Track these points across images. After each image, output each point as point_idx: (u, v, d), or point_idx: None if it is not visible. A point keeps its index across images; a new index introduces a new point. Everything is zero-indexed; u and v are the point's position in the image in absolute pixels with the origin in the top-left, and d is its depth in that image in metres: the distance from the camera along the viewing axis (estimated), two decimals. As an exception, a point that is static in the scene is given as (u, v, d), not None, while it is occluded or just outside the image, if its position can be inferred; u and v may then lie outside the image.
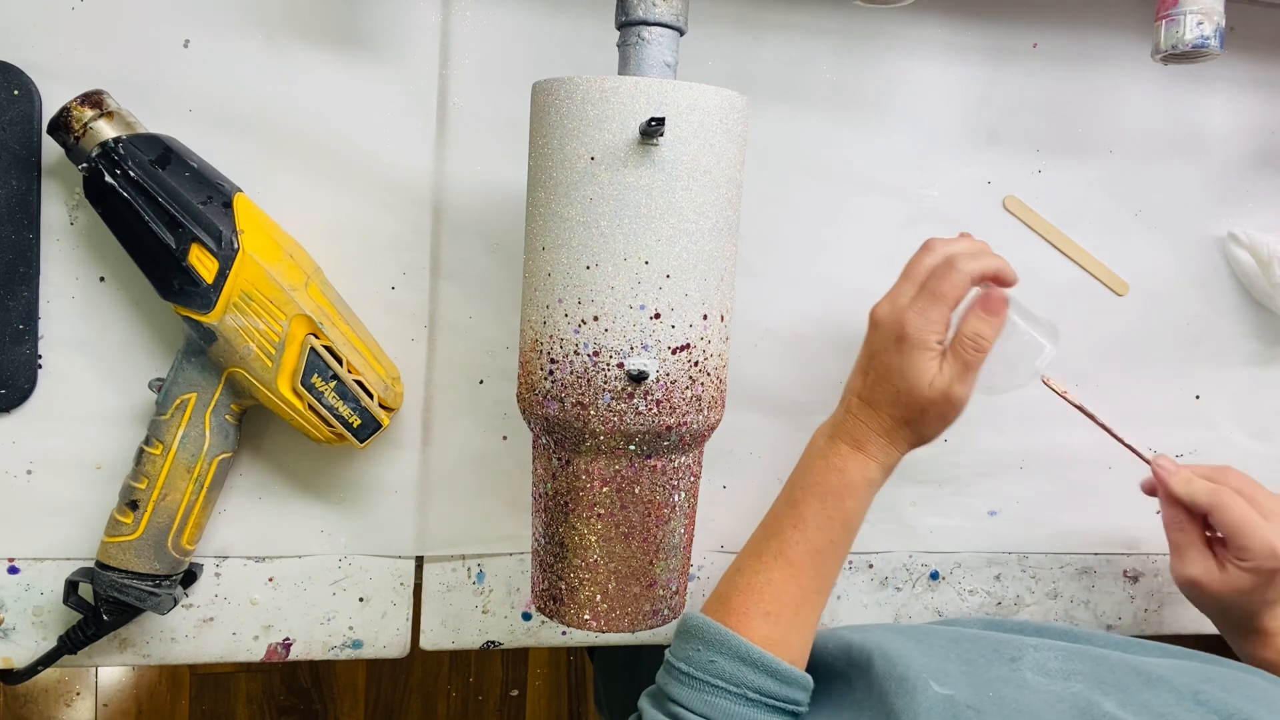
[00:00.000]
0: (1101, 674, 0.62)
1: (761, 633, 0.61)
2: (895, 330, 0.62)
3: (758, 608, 0.62)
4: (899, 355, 0.62)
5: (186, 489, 0.62)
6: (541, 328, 0.54)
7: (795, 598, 0.62)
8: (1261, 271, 0.79)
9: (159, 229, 0.57)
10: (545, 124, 0.53)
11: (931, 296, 0.62)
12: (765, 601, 0.62)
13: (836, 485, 0.63)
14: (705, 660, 0.59)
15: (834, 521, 0.63)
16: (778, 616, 0.62)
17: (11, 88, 0.60)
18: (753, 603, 0.62)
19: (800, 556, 0.63)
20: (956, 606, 0.80)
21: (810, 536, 0.63)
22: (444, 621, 0.72)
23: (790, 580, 0.62)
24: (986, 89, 0.75)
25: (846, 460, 0.64)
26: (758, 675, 0.59)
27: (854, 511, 0.64)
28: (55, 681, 1.72)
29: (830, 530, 0.63)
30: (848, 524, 0.64)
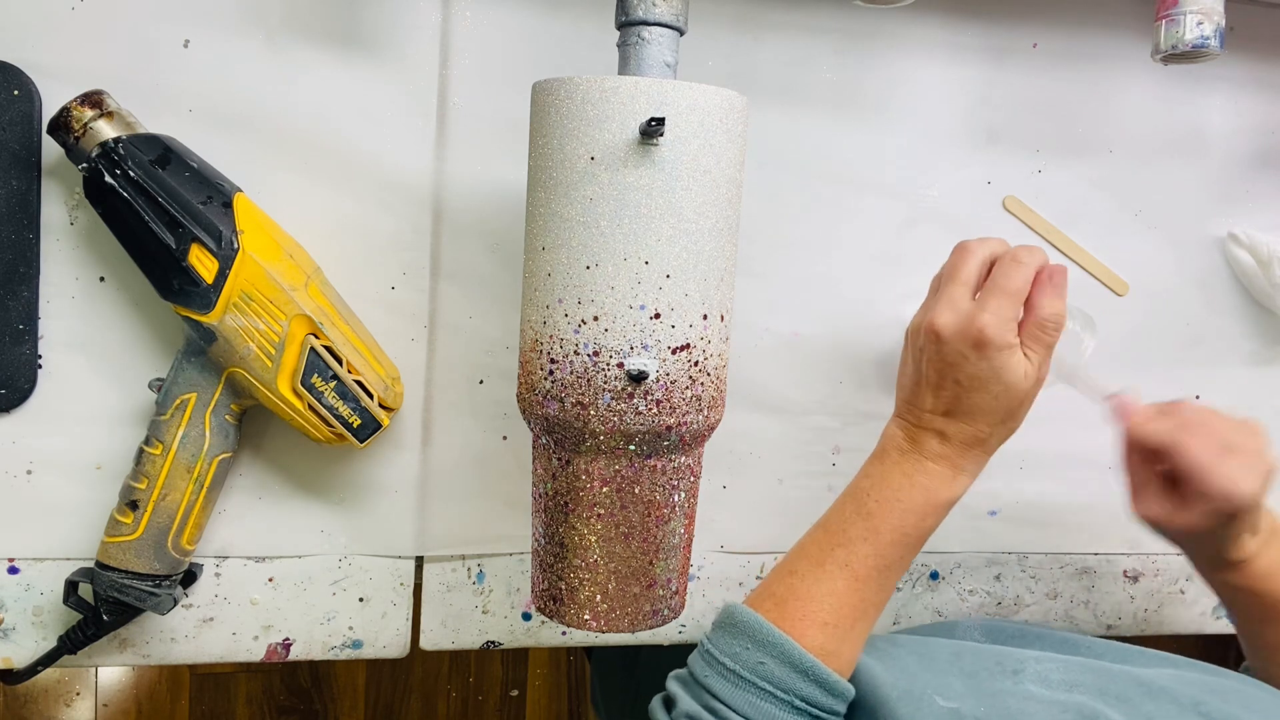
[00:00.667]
0: (1104, 685, 0.62)
1: (816, 642, 0.59)
2: (972, 338, 0.59)
3: (816, 616, 0.59)
4: (985, 361, 0.59)
5: (186, 489, 0.62)
6: (541, 328, 0.54)
7: (855, 610, 0.60)
8: (1261, 271, 0.79)
9: (159, 229, 0.57)
10: (545, 124, 0.53)
11: (1005, 294, 0.60)
12: (825, 612, 0.60)
13: (920, 504, 0.61)
14: (754, 661, 0.58)
15: (910, 539, 0.61)
16: (835, 627, 0.60)
17: (11, 88, 0.60)
18: (811, 610, 0.60)
19: (867, 571, 0.60)
20: (956, 606, 0.80)
21: (882, 551, 0.61)
22: (444, 621, 0.72)
23: (853, 593, 0.60)
24: (986, 89, 0.75)
25: (933, 479, 0.61)
26: (807, 684, 0.57)
27: (931, 529, 0.62)
28: (55, 681, 1.72)
29: (904, 546, 0.61)
30: (921, 542, 0.62)
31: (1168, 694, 0.60)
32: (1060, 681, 0.63)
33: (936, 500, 0.61)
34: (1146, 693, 0.61)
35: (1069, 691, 0.62)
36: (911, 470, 0.61)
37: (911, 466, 0.62)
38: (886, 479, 0.62)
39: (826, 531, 0.63)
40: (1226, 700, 0.60)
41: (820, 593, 0.60)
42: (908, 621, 0.79)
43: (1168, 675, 0.63)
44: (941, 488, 0.61)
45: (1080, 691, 0.62)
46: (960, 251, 0.63)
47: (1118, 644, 0.71)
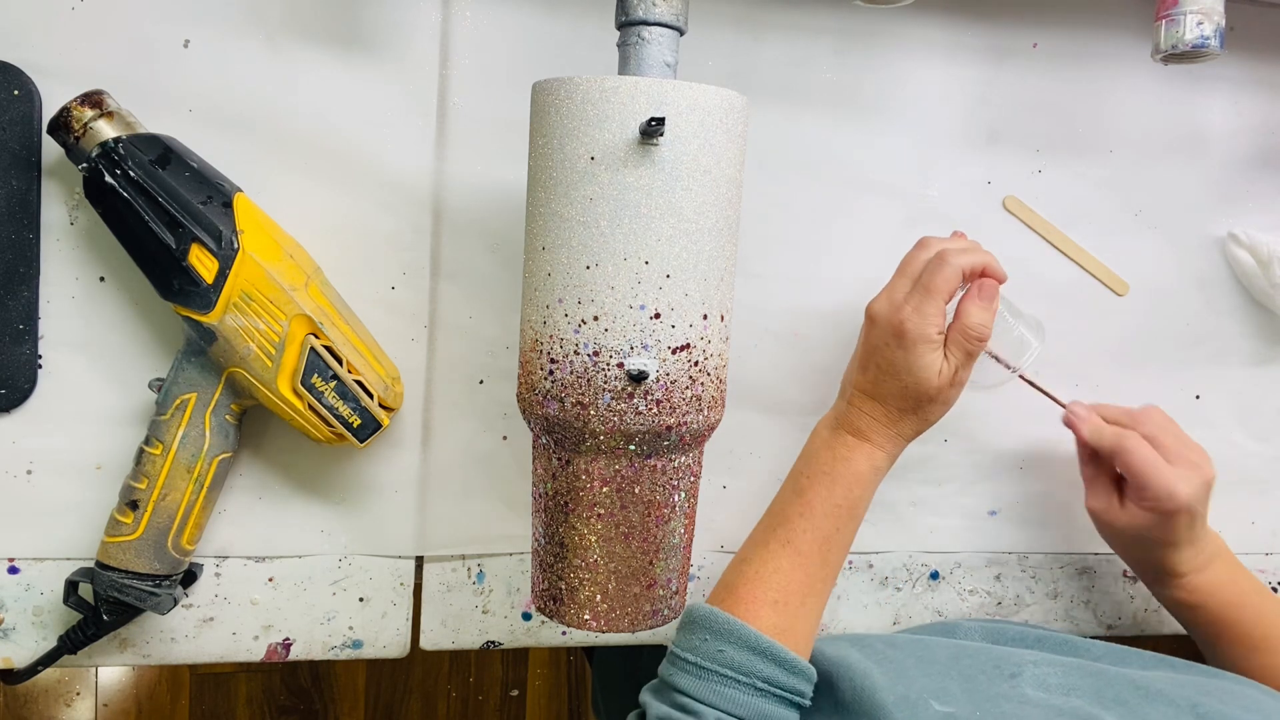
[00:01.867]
0: (1100, 688, 0.62)
1: (769, 621, 0.61)
2: (894, 326, 0.63)
3: (765, 596, 0.62)
4: (901, 350, 0.63)
5: (186, 489, 0.62)
6: (541, 328, 0.54)
7: (802, 586, 0.63)
8: (1261, 271, 0.79)
9: (159, 229, 0.57)
10: (545, 124, 0.53)
11: (926, 291, 0.63)
12: (773, 590, 0.62)
13: (844, 474, 0.64)
14: (713, 650, 0.59)
15: (841, 510, 0.64)
16: (785, 605, 0.62)
17: (11, 88, 0.60)
18: (760, 591, 0.62)
19: (808, 544, 0.63)
20: (956, 606, 0.80)
21: (817, 524, 0.64)
22: (444, 621, 0.72)
23: (797, 568, 0.63)
24: (986, 89, 0.75)
25: (853, 450, 0.65)
26: (766, 665, 0.59)
27: (860, 500, 0.65)
28: (55, 681, 1.72)
29: (837, 518, 0.64)
30: (854, 512, 0.65)
31: (1164, 697, 0.61)
32: (1057, 686, 0.63)
33: (858, 471, 0.65)
34: (1143, 696, 0.61)
35: (1066, 696, 0.62)
36: (835, 444, 0.65)
37: (835, 440, 0.66)
38: (815, 455, 0.66)
39: (769, 515, 0.66)
40: (1223, 701, 0.60)
41: (766, 572, 0.63)
42: (908, 621, 0.79)
43: (1165, 678, 0.63)
44: (861, 460, 0.65)
45: (1078, 695, 0.62)
46: (917, 245, 0.67)
47: (1117, 646, 0.71)
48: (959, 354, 0.64)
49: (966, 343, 0.64)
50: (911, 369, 0.63)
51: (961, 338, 0.64)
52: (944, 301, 0.63)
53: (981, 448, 0.79)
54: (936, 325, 0.63)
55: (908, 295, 0.64)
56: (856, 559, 0.78)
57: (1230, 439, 0.83)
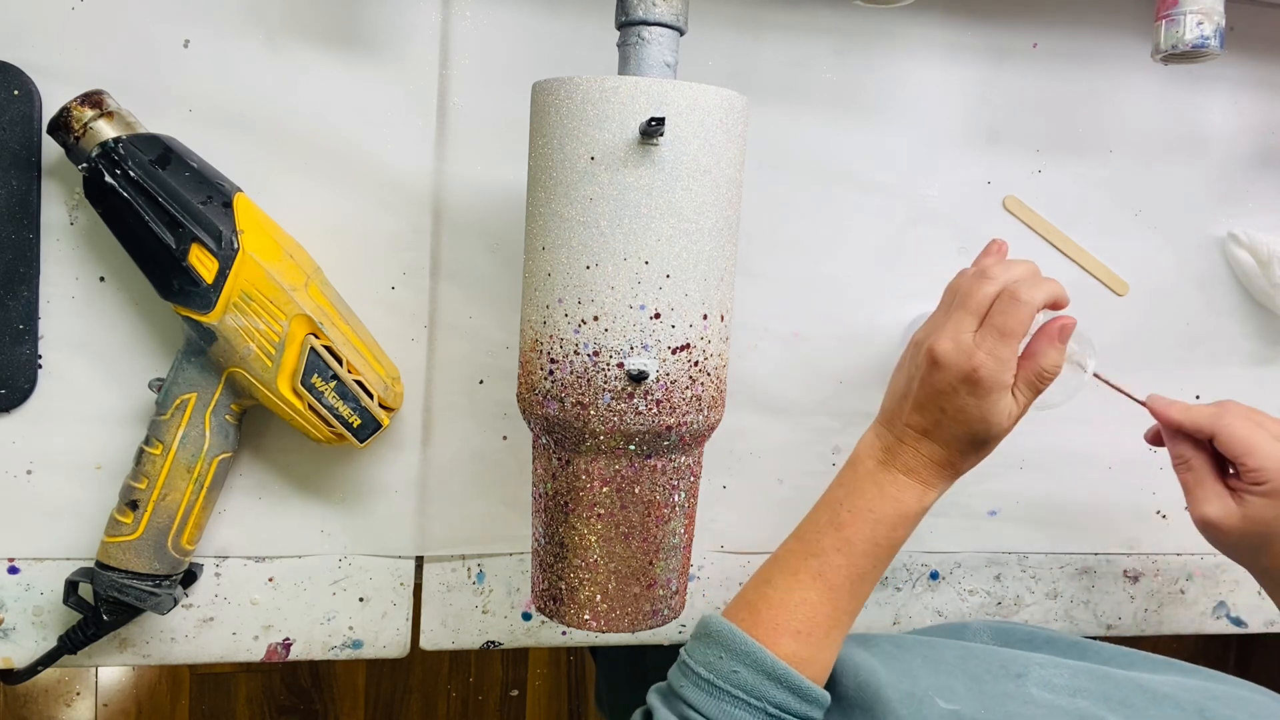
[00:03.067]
0: (1107, 690, 0.62)
1: (789, 649, 0.59)
2: (966, 373, 0.59)
3: (789, 625, 0.60)
4: (974, 398, 0.59)
5: (186, 489, 0.62)
6: (541, 328, 0.54)
7: (829, 620, 0.60)
8: (1261, 271, 0.79)
9: (159, 229, 0.57)
10: (545, 124, 0.53)
11: (1001, 335, 0.59)
12: (797, 620, 0.60)
13: (891, 515, 0.61)
14: (727, 669, 0.58)
15: (881, 549, 0.61)
16: (809, 636, 0.60)
17: (11, 88, 0.60)
18: (784, 619, 0.60)
19: (841, 580, 0.61)
20: (956, 606, 0.80)
21: (855, 562, 0.61)
22: (444, 621, 0.72)
23: (826, 602, 0.60)
24: (986, 89, 0.75)
25: (905, 491, 0.61)
26: (780, 691, 0.57)
27: (903, 539, 0.62)
28: (55, 681, 1.72)
29: (876, 558, 0.61)
30: (894, 551, 0.62)
31: (1171, 700, 0.60)
32: (1064, 686, 0.63)
33: (907, 512, 0.61)
34: (1150, 699, 0.61)
35: (1072, 697, 0.62)
36: (884, 481, 0.61)
37: (884, 477, 0.62)
38: (859, 489, 0.62)
39: (801, 541, 0.63)
40: (1231, 707, 0.60)
41: (794, 601, 0.60)
42: (908, 622, 0.79)
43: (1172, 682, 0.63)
44: (911, 500, 0.61)
45: (1084, 697, 0.62)
46: (978, 278, 0.62)
47: (1126, 650, 0.71)
48: (1028, 393, 0.61)
49: (1039, 382, 0.60)
50: (984, 416, 0.59)
51: (1035, 378, 0.60)
52: (1019, 344, 0.59)
53: (981, 448, 0.79)
54: (1012, 370, 0.59)
55: (979, 338, 0.59)
56: (856, 559, 0.78)
57: (1230, 439, 0.83)
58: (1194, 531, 0.83)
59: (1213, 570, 0.84)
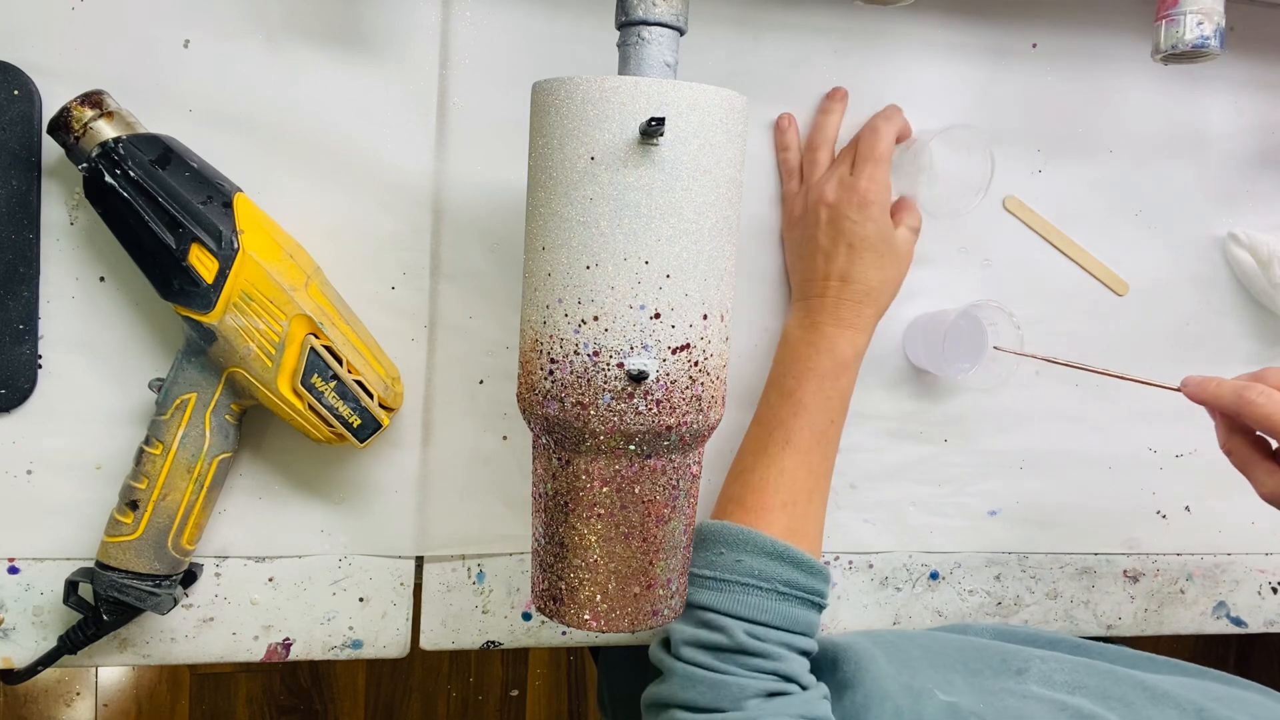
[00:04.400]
0: (1107, 688, 0.62)
1: (781, 524, 0.62)
2: (856, 201, 0.66)
3: (774, 500, 0.62)
4: (870, 220, 0.66)
5: (186, 489, 0.62)
6: (541, 328, 0.54)
7: (807, 483, 0.64)
8: (1261, 271, 0.79)
9: (159, 229, 0.57)
10: (545, 124, 0.53)
11: (874, 162, 0.67)
12: (781, 492, 0.63)
13: (830, 365, 0.66)
14: (731, 561, 0.59)
15: (832, 400, 0.66)
16: (794, 505, 0.63)
17: (11, 88, 0.60)
18: (769, 496, 0.63)
19: (807, 441, 0.64)
20: (956, 606, 0.80)
21: (814, 419, 0.65)
22: (444, 621, 0.72)
23: (800, 466, 0.64)
24: (986, 89, 0.75)
25: (834, 340, 0.66)
26: (785, 568, 0.59)
27: (848, 386, 0.67)
28: (55, 681, 1.72)
29: (830, 409, 0.66)
30: (844, 399, 0.67)
31: (1171, 699, 0.60)
32: (1063, 682, 0.63)
33: (843, 358, 0.66)
34: (1150, 698, 0.61)
35: (1071, 693, 0.62)
36: (815, 339, 0.67)
37: (814, 336, 0.67)
38: (795, 355, 0.67)
39: (760, 424, 0.67)
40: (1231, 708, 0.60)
41: (771, 477, 0.63)
42: (908, 622, 0.79)
43: (1174, 682, 0.63)
44: (845, 346, 0.66)
45: (1082, 694, 0.62)
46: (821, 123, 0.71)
47: (1130, 651, 0.71)
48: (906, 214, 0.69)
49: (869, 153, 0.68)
50: (882, 233, 0.66)
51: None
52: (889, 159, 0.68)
53: (981, 448, 0.79)
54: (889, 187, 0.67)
55: (856, 169, 0.67)
56: (857, 559, 0.78)
57: (1230, 439, 0.83)
58: (1194, 531, 0.84)
59: (1213, 570, 0.84)
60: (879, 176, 0.66)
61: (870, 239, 0.66)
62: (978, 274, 0.77)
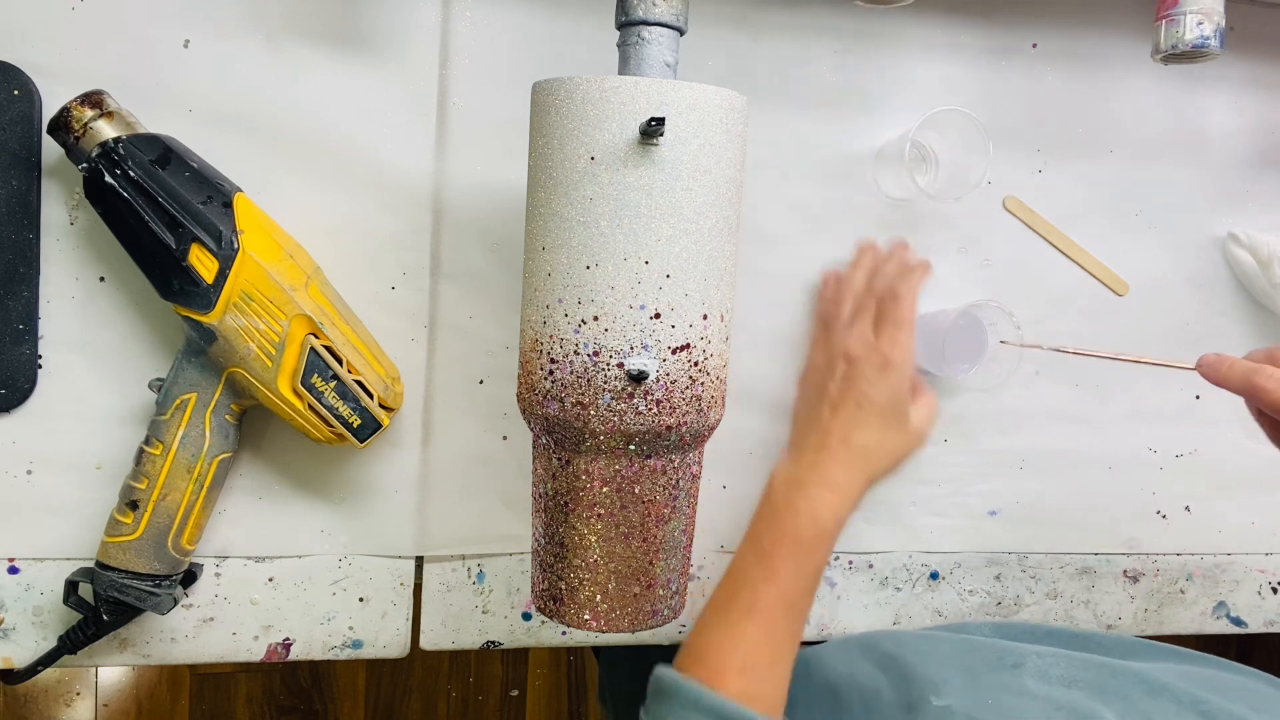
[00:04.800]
0: (1103, 681, 0.62)
1: (736, 687, 0.59)
2: (878, 362, 0.63)
3: (731, 664, 0.60)
4: (885, 382, 0.63)
5: (186, 489, 0.62)
6: (541, 328, 0.54)
7: (769, 651, 0.61)
8: (1261, 271, 0.79)
9: (159, 229, 0.57)
10: (545, 124, 0.53)
11: (897, 325, 0.64)
12: (738, 657, 0.60)
13: (810, 536, 0.62)
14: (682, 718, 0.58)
15: (806, 571, 0.62)
16: (752, 670, 0.60)
17: (11, 88, 0.60)
18: (726, 660, 0.60)
19: (773, 609, 0.61)
20: (956, 606, 0.80)
21: (785, 589, 0.61)
22: (444, 621, 0.72)
23: (762, 633, 0.61)
24: (986, 89, 0.75)
25: (817, 506, 0.62)
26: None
27: (826, 557, 0.63)
28: (55, 681, 1.72)
29: (804, 579, 0.62)
30: (819, 571, 0.63)
31: (1169, 691, 0.60)
32: (1059, 677, 0.63)
33: (824, 529, 0.62)
34: (1147, 690, 0.61)
35: (1067, 688, 0.62)
36: (798, 502, 0.63)
37: (798, 498, 0.63)
38: (775, 513, 0.63)
39: (730, 579, 0.63)
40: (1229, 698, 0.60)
41: (728, 641, 0.61)
42: (908, 622, 0.79)
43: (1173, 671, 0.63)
44: (827, 515, 0.62)
45: (1079, 688, 0.62)
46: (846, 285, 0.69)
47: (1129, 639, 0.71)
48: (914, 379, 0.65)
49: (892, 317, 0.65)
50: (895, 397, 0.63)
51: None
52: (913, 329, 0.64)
53: (981, 448, 0.79)
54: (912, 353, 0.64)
55: (880, 331, 0.64)
56: (857, 559, 0.78)
57: (1230, 439, 0.83)
58: (1194, 531, 0.84)
59: (1213, 570, 0.84)
60: (902, 341, 0.64)
61: (881, 404, 0.63)
62: (978, 274, 0.77)
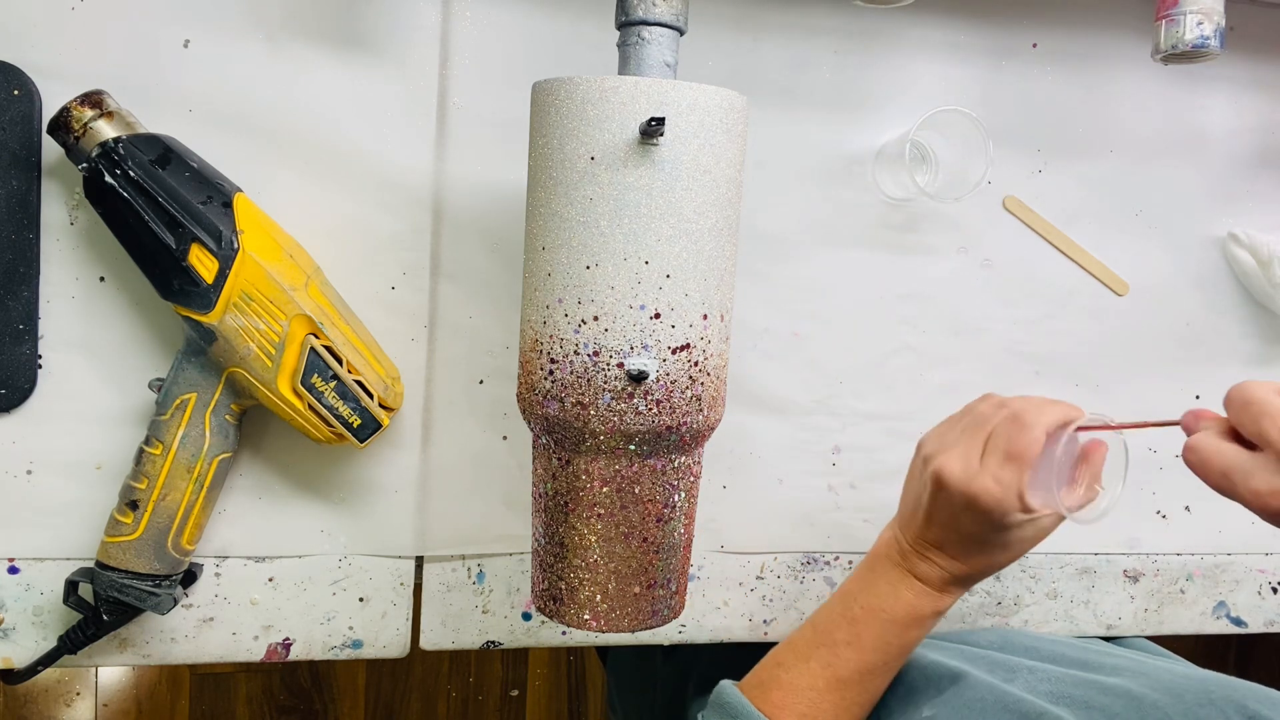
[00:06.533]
0: (1091, 698, 0.62)
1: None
2: (968, 498, 0.58)
3: (795, 708, 0.60)
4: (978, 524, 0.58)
5: (186, 489, 0.62)
6: (541, 328, 0.54)
7: (834, 708, 0.61)
8: (1261, 271, 0.79)
9: (159, 229, 0.57)
10: (545, 124, 0.53)
11: (1004, 458, 0.57)
12: (803, 704, 0.60)
13: (903, 617, 0.61)
14: None
15: (892, 649, 0.61)
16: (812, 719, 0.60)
17: (11, 88, 0.60)
18: (791, 703, 0.60)
19: (849, 673, 0.61)
20: (956, 607, 0.80)
21: (864, 658, 0.61)
22: (444, 621, 0.72)
23: (833, 691, 0.61)
24: (986, 89, 0.75)
25: (920, 596, 0.61)
26: None
27: (915, 640, 0.62)
28: (55, 681, 1.72)
29: (887, 655, 0.61)
30: (905, 651, 0.62)
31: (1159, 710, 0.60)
32: (1046, 693, 0.64)
33: (919, 615, 0.61)
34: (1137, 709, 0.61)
35: (1054, 703, 0.62)
36: (898, 583, 0.61)
37: (899, 579, 0.61)
38: (874, 587, 0.62)
39: (814, 629, 0.63)
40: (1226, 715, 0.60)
41: (801, 686, 0.60)
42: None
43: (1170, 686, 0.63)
44: (925, 605, 0.61)
45: (1065, 705, 0.62)
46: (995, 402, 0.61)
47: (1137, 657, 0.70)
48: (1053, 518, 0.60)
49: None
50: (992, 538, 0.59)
51: None
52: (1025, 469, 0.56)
53: (981, 448, 0.79)
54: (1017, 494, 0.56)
55: (984, 461, 0.58)
56: (857, 559, 0.78)
57: (1230, 439, 0.83)
58: (1194, 531, 0.84)
59: (1213, 570, 0.84)
60: (1005, 480, 0.56)
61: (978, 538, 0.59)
62: (978, 274, 0.77)
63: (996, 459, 0.57)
